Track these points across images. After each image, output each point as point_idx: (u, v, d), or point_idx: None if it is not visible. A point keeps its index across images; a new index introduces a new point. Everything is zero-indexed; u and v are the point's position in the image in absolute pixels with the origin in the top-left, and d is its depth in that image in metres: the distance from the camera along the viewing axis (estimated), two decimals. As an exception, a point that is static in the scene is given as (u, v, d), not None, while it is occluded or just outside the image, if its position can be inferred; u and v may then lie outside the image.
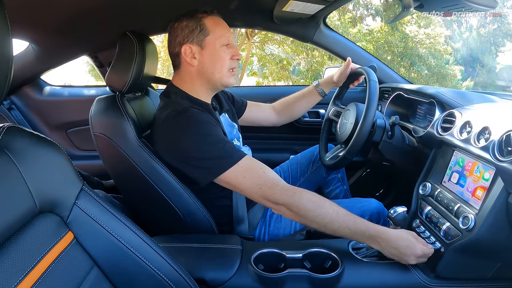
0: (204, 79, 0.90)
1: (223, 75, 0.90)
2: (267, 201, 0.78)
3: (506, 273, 0.73)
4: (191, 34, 0.87)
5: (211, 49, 0.88)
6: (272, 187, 0.76)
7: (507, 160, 0.65)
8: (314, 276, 0.71)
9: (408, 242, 0.72)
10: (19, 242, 0.41)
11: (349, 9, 8.72)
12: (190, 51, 0.88)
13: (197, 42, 0.87)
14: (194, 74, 0.90)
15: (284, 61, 7.69)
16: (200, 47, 0.87)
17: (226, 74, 0.90)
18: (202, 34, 0.87)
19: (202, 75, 0.90)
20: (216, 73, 0.89)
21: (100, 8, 0.99)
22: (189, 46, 0.87)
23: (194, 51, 0.88)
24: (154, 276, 0.54)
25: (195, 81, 0.91)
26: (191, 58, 0.88)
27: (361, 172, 1.54)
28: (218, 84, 0.91)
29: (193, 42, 0.87)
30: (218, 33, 0.88)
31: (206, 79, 0.90)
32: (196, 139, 0.79)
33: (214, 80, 0.90)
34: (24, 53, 1.30)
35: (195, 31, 0.87)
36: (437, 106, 1.00)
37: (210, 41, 0.87)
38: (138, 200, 0.95)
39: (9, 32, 0.38)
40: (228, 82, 0.91)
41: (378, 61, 1.49)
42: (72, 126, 1.60)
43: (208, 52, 0.88)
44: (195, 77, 0.90)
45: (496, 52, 12.51)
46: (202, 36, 0.87)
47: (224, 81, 0.91)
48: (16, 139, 0.45)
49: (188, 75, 0.91)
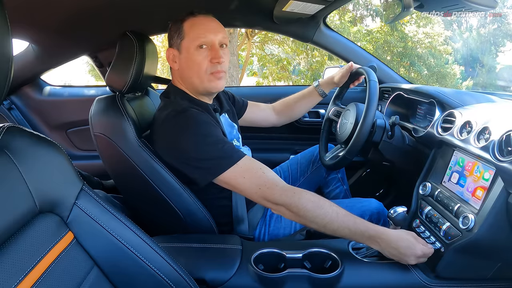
0: (187, 83, 0.90)
1: (203, 79, 0.85)
2: (267, 202, 0.77)
3: (506, 273, 0.73)
4: (172, 38, 0.88)
5: (186, 53, 0.85)
6: (271, 188, 0.76)
7: (507, 160, 0.65)
8: (314, 276, 0.71)
9: (408, 243, 0.72)
10: (19, 242, 0.41)
11: (349, 9, 8.72)
12: (172, 55, 0.88)
13: (176, 46, 0.87)
14: (178, 77, 0.91)
15: (284, 61, 7.69)
16: (178, 51, 0.87)
17: (207, 78, 0.85)
18: (179, 37, 0.86)
19: (183, 79, 0.90)
20: (195, 78, 0.86)
21: (100, 8, 0.99)
22: (171, 50, 0.88)
23: (174, 55, 0.88)
24: (154, 276, 0.54)
25: (183, 83, 0.91)
26: (172, 62, 0.89)
27: (361, 172, 1.54)
28: (200, 89, 0.88)
29: (173, 46, 0.88)
30: (192, 36, 0.84)
31: (189, 83, 0.89)
32: (196, 140, 0.79)
33: (195, 84, 0.88)
34: (24, 53, 1.30)
35: (175, 35, 0.87)
36: (437, 106, 1.00)
37: (185, 44, 0.85)
38: (138, 200, 0.95)
39: (9, 32, 0.38)
40: (210, 86, 0.86)
41: (378, 61, 1.49)
42: (72, 126, 1.60)
43: (184, 56, 0.86)
44: (181, 80, 0.91)
45: (496, 52, 12.51)
46: (179, 40, 0.86)
47: (206, 85, 0.86)
48: (16, 139, 0.44)
49: (176, 78, 0.92)
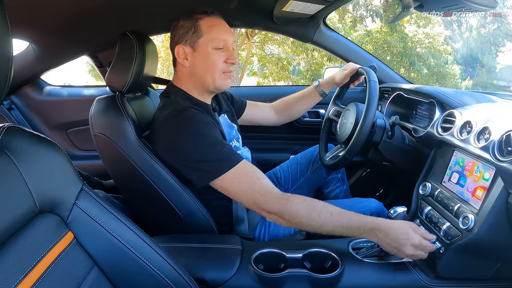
0: (196, 81, 0.90)
1: (216, 78, 0.88)
2: (259, 209, 0.77)
3: (506, 273, 0.73)
4: (185, 35, 0.86)
5: (203, 52, 0.86)
6: (264, 195, 0.76)
7: (507, 160, 0.65)
8: (314, 276, 0.71)
9: (405, 230, 0.71)
10: (19, 242, 0.41)
11: (348, 10, 8.72)
12: (183, 52, 0.87)
13: (190, 44, 0.86)
14: (187, 75, 0.90)
15: (284, 61, 7.69)
16: (192, 48, 0.87)
17: (219, 77, 0.88)
18: (195, 35, 0.85)
19: (194, 77, 0.89)
20: (208, 77, 0.88)
21: (100, 8, 0.99)
22: (182, 47, 0.87)
23: (186, 52, 0.87)
24: (154, 276, 0.54)
25: (189, 82, 0.91)
26: (183, 59, 0.88)
27: (361, 172, 1.54)
28: (211, 87, 0.90)
29: (186, 43, 0.87)
30: (211, 36, 0.85)
31: (199, 81, 0.90)
32: (194, 140, 0.79)
33: (206, 83, 0.89)
34: (24, 53, 1.30)
35: (189, 32, 0.86)
36: (437, 106, 1.00)
37: (203, 43, 0.85)
38: (138, 200, 0.95)
39: (9, 32, 0.38)
40: (221, 85, 0.89)
41: (378, 61, 1.49)
42: (72, 126, 1.60)
43: (200, 54, 0.86)
44: (188, 78, 0.90)
45: (496, 52, 12.50)
46: (195, 37, 0.85)
47: (218, 84, 0.89)
48: (16, 139, 0.44)
49: (183, 75, 0.91)
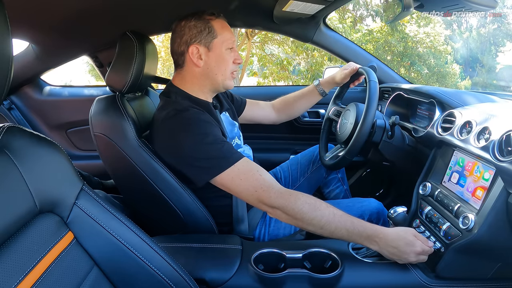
0: (207, 80, 0.92)
1: (226, 77, 0.92)
2: (263, 204, 0.77)
3: (506, 273, 0.73)
4: (199, 35, 0.88)
5: (218, 52, 0.89)
6: (267, 190, 0.76)
7: (507, 160, 0.65)
8: (314, 276, 0.71)
9: (407, 240, 0.72)
10: (19, 242, 0.41)
11: (348, 9, 8.72)
12: (197, 51, 0.88)
13: (204, 44, 0.88)
14: (197, 74, 0.91)
15: (284, 61, 7.69)
16: (207, 48, 0.89)
17: (228, 77, 0.93)
18: (210, 36, 0.88)
19: (206, 76, 0.91)
20: (220, 75, 0.91)
21: (100, 8, 0.99)
22: (196, 46, 0.88)
23: (201, 52, 0.89)
24: (154, 276, 0.54)
25: (197, 81, 0.92)
26: (197, 59, 0.89)
27: (361, 172, 1.54)
28: (220, 85, 0.93)
29: (200, 43, 0.88)
30: (225, 37, 0.90)
31: (210, 80, 0.92)
32: (194, 139, 0.79)
33: (217, 81, 0.92)
34: (24, 53, 1.30)
35: (203, 32, 0.88)
36: (437, 106, 1.00)
37: (217, 43, 0.89)
38: (138, 200, 0.95)
39: (9, 32, 0.38)
40: (229, 84, 0.95)
41: (378, 61, 1.49)
42: (72, 126, 1.60)
43: (215, 54, 0.89)
44: (198, 78, 0.91)
45: (496, 52, 12.51)
46: (210, 38, 0.88)
47: (226, 83, 0.93)
48: (16, 139, 0.44)
49: (191, 75, 0.91)
